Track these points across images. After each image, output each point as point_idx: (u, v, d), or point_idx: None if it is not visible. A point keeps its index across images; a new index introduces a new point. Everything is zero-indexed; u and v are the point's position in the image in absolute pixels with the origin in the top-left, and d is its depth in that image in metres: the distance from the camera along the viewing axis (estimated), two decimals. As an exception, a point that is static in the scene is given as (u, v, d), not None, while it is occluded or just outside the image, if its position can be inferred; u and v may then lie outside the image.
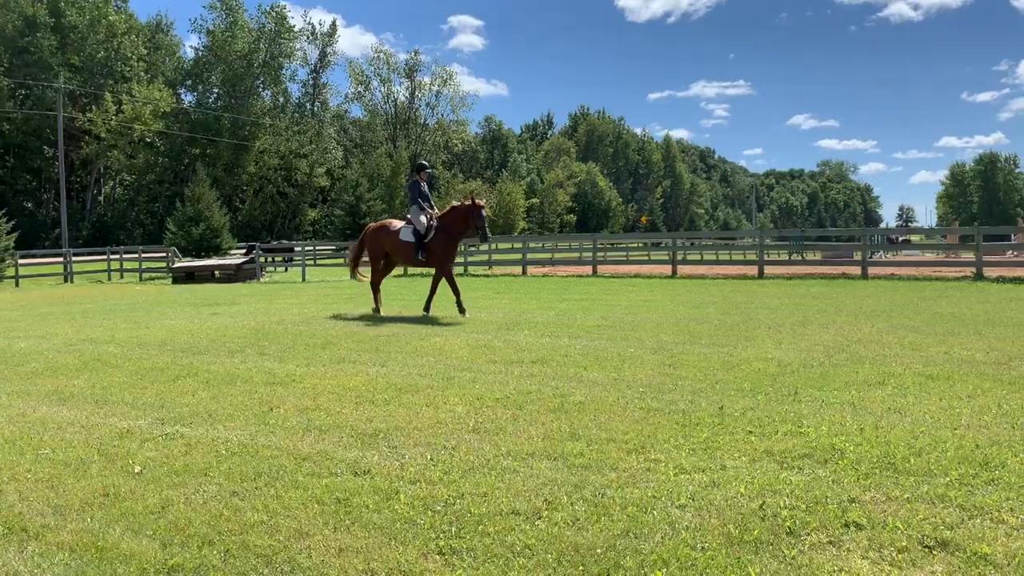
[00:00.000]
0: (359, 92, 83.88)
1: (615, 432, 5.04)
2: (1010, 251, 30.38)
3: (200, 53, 69.49)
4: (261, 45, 68.91)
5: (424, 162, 13.98)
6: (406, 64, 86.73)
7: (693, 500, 3.79)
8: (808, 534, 3.39)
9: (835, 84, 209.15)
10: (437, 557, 3.27)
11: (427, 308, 12.55)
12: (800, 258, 33.98)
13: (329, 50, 78.66)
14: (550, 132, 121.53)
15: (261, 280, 29.69)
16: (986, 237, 26.15)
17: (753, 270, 22.85)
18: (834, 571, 3.05)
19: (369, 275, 13.78)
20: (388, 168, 74.93)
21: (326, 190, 74.20)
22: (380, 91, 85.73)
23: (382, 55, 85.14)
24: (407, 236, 12.85)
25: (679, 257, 28.91)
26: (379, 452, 4.74)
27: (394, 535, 3.49)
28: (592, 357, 7.98)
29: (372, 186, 66.15)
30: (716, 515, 3.60)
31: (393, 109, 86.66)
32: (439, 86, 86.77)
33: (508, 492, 3.97)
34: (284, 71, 73.55)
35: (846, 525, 3.47)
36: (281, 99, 74.77)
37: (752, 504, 3.72)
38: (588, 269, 26.60)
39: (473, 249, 34.15)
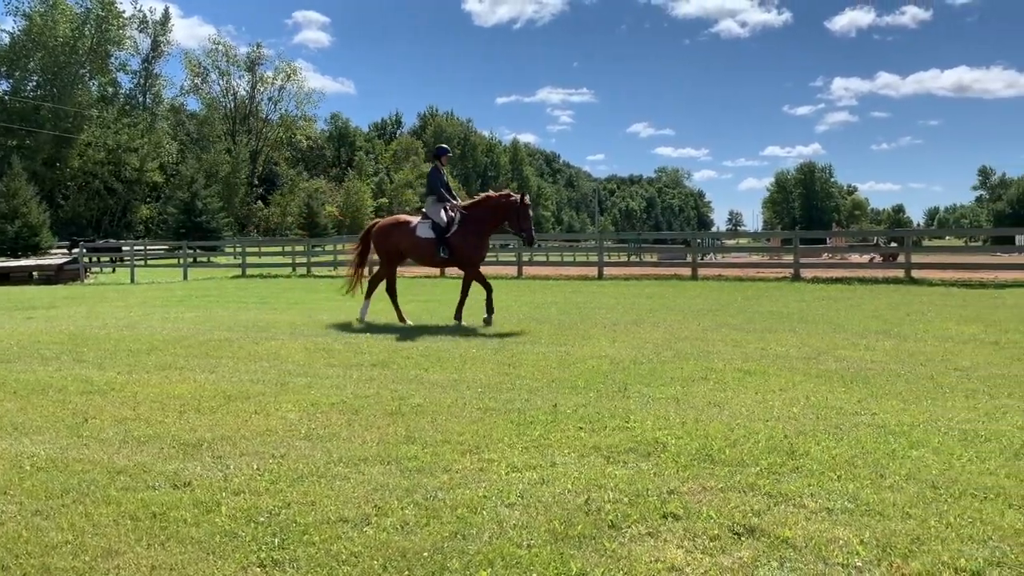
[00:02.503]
0: (196, 84, 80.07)
1: (451, 433, 5.05)
2: (825, 253, 32.91)
3: (16, 37, 64.02)
4: (86, 31, 64.32)
5: (444, 145, 11.91)
6: (247, 57, 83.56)
7: (522, 498, 3.85)
8: (629, 526, 3.51)
9: (671, 94, 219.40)
10: (257, 570, 3.16)
11: (458, 315, 10.93)
12: (638, 260, 35.40)
13: (162, 39, 74.53)
14: (399, 131, 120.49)
15: (85, 281, 27.74)
16: (803, 240, 28.19)
17: (593, 271, 23.56)
18: (651, 561, 3.17)
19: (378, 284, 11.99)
20: (227, 164, 71.97)
21: (160, 186, 70.26)
22: (219, 84, 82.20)
23: (221, 47, 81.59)
24: (425, 232, 11.19)
25: (526, 258, 29.38)
26: (202, 463, 4.52)
27: (212, 549, 3.34)
28: (434, 358, 7.96)
29: (209, 183, 63.35)
30: (543, 512, 3.67)
31: (233, 103, 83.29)
32: (283, 81, 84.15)
33: (337, 499, 3.89)
34: (112, 60, 69.03)
35: (664, 516, 3.62)
36: (109, 89, 70.12)
37: (578, 499, 3.82)
38: (436, 270, 26.55)
39: (318, 249, 33.37)
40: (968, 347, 8.36)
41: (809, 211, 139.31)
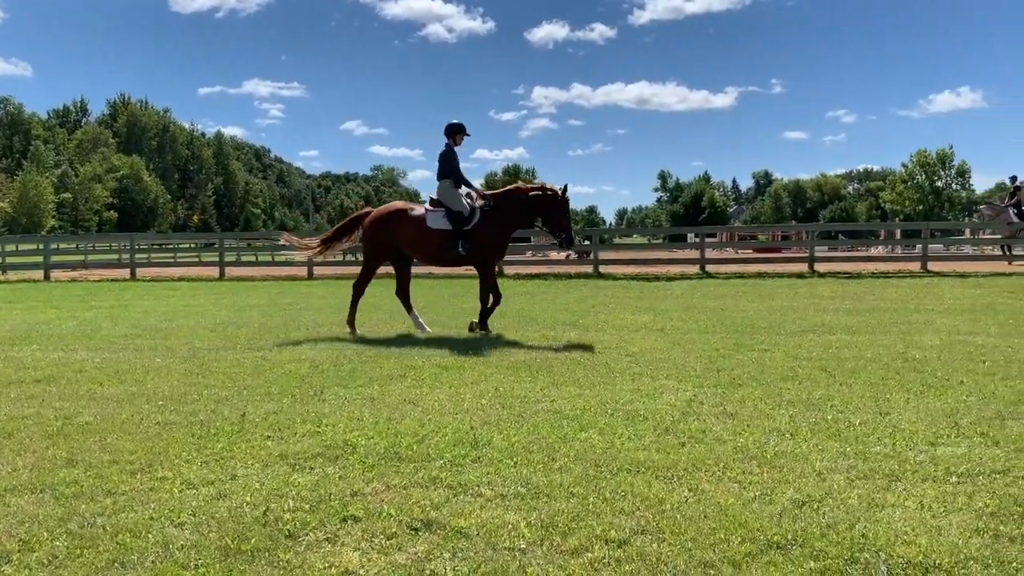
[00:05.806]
0: None
1: (121, 452, 4.64)
2: (529, 251, 34.95)
3: None
4: None
5: (459, 121, 9.95)
6: None
7: (194, 516, 3.63)
8: (307, 534, 3.44)
9: (384, 94, 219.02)
10: None
11: (483, 324, 9.57)
12: (353, 259, 35.17)
13: None
14: (85, 120, 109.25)
15: None
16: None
17: (303, 271, 22.99)
18: (325, 567, 3.13)
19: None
20: None
21: None
22: None
23: None
24: (438, 223, 9.44)
25: (233, 258, 28.02)
26: None
27: None
28: (111, 371, 7.29)
29: None
30: (216, 528, 3.49)
31: None
32: (-65, 57, 72.86)
33: (-29, 538, 3.40)
34: None
35: (345, 519, 3.59)
36: None
37: (256, 512, 3.67)
38: (127, 272, 24.42)
39: (10, 249, 29.22)
40: (639, 335, 9.27)
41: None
